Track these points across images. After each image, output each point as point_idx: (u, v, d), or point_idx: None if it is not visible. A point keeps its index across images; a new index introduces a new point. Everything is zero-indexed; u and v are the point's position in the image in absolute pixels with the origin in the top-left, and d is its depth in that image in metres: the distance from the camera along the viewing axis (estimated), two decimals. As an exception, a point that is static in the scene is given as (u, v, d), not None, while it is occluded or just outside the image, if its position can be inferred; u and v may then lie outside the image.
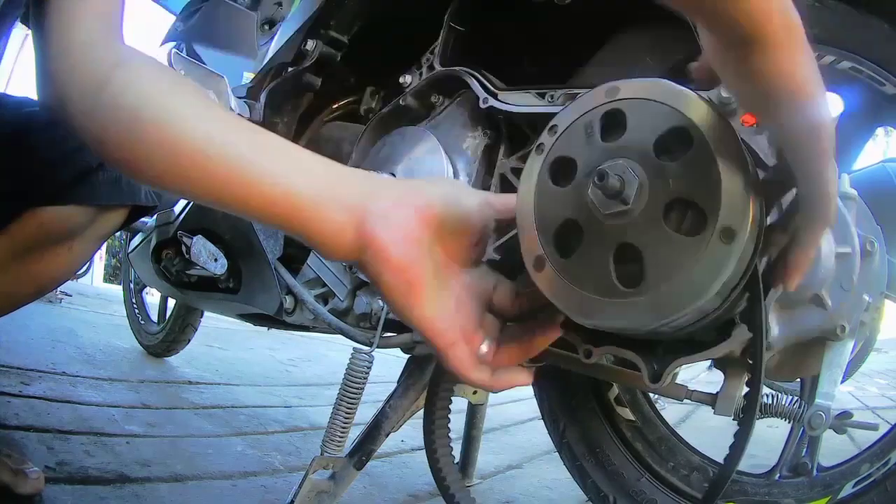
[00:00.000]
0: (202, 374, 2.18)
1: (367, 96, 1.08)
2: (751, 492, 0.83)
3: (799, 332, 0.63)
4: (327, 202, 0.45)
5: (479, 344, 0.52)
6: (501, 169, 0.81)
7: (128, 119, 0.47)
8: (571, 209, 0.62)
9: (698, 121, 0.54)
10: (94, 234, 0.91)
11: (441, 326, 0.49)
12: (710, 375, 3.30)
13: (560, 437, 1.00)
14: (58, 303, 3.19)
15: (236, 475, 1.17)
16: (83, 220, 0.86)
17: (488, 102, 0.81)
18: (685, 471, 0.90)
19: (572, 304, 0.62)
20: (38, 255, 0.86)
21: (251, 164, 0.45)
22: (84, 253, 0.91)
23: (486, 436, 1.40)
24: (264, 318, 1.23)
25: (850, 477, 0.75)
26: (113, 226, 0.92)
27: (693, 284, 0.54)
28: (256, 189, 0.45)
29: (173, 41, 1.50)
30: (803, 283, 0.60)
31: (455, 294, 0.51)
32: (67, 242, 0.88)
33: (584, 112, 0.63)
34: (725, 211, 0.52)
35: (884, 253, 0.64)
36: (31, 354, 1.87)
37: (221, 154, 0.45)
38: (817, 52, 0.72)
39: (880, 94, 0.73)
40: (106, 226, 0.91)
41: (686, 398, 0.73)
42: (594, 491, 0.94)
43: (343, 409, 0.88)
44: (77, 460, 1.07)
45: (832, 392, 0.65)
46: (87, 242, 0.90)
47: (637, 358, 0.65)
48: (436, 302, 0.48)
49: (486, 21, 0.92)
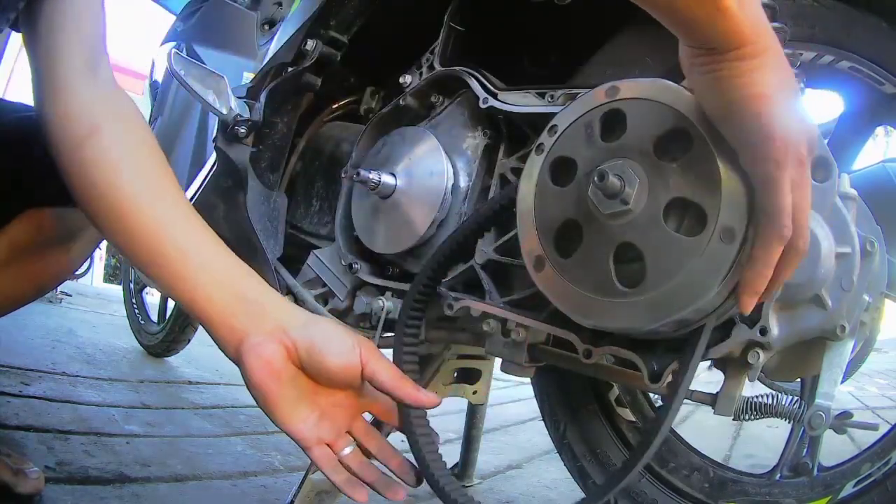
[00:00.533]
0: (202, 374, 2.18)
1: (367, 96, 1.08)
2: (751, 492, 0.83)
3: (799, 332, 0.63)
4: (222, 321, 0.58)
5: (342, 448, 0.60)
6: (501, 169, 0.81)
7: (91, 185, 0.60)
8: (571, 209, 0.62)
9: (698, 121, 0.54)
10: (93, 235, 0.91)
11: (300, 431, 0.58)
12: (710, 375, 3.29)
13: (560, 438, 1.00)
14: (58, 303, 3.20)
15: (236, 475, 1.17)
16: (82, 221, 0.86)
17: (488, 102, 0.81)
18: (685, 471, 0.90)
19: (572, 303, 0.62)
20: (38, 256, 0.86)
21: (181, 265, 0.58)
22: (82, 254, 0.92)
23: (486, 436, 1.40)
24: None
25: (850, 477, 0.75)
26: None
27: (693, 284, 0.54)
28: (179, 286, 0.59)
29: (173, 41, 1.50)
30: (804, 283, 0.60)
31: (321, 408, 0.59)
32: (66, 243, 0.88)
33: (585, 112, 0.63)
34: (725, 211, 0.52)
35: (884, 253, 0.64)
36: (31, 354, 1.87)
37: (160, 244, 0.58)
38: (816, 52, 0.72)
39: (880, 93, 0.73)
40: None
41: (686, 398, 0.73)
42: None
43: (343, 410, 0.88)
44: (77, 460, 1.07)
45: (832, 392, 0.65)
46: (85, 243, 0.91)
47: (637, 358, 0.65)
48: (293, 415, 0.57)
49: (486, 21, 0.92)
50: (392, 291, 0.88)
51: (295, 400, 0.57)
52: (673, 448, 0.93)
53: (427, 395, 0.60)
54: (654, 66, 0.76)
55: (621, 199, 0.56)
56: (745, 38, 0.45)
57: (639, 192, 0.57)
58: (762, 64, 0.46)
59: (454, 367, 1.13)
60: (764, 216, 0.50)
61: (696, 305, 0.54)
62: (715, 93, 0.49)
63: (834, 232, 0.61)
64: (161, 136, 1.50)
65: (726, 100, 0.48)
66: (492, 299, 0.77)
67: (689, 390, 0.73)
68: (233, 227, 1.10)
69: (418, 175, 0.86)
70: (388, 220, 0.88)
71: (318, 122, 1.12)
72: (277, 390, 0.56)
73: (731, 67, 0.46)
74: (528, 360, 0.77)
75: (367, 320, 0.92)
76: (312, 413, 0.58)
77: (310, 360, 0.57)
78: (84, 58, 0.64)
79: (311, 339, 0.57)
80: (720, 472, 0.88)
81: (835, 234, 0.61)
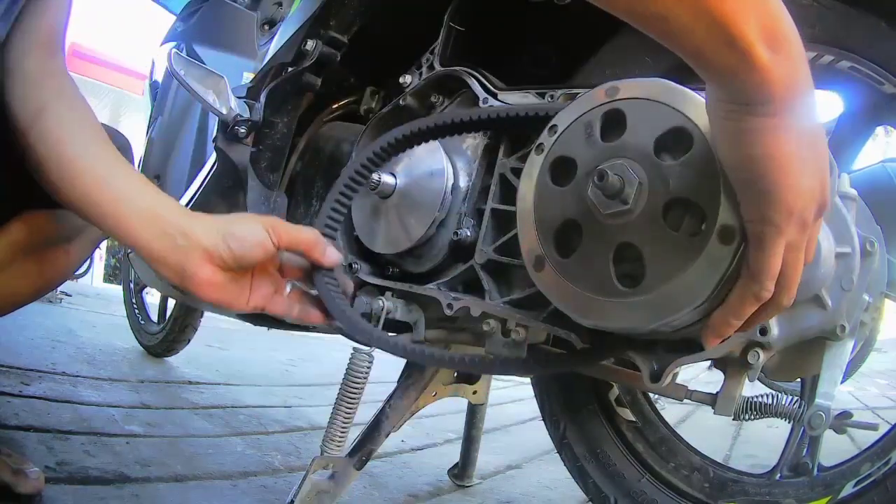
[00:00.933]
0: (202, 374, 2.18)
1: (367, 96, 1.08)
2: (752, 492, 0.83)
3: (799, 332, 0.63)
4: (162, 261, 0.68)
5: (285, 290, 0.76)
6: (501, 169, 0.81)
7: (44, 156, 0.71)
8: (571, 209, 0.62)
9: (698, 121, 0.54)
10: (91, 237, 0.92)
11: (257, 305, 0.73)
12: (710, 375, 3.30)
13: (561, 438, 1.00)
14: (58, 303, 3.20)
15: (236, 475, 1.17)
16: (80, 222, 0.86)
17: (488, 102, 0.81)
18: (686, 471, 0.90)
19: (572, 303, 0.62)
20: (36, 257, 0.86)
21: (122, 216, 0.69)
22: (81, 255, 0.93)
23: (486, 436, 1.40)
24: (264, 318, 1.23)
25: (850, 477, 0.75)
26: None
27: (692, 284, 0.54)
28: (125, 236, 0.70)
29: (173, 41, 1.50)
30: (804, 283, 0.60)
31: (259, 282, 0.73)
32: (64, 244, 0.89)
33: (585, 112, 0.63)
34: (725, 211, 0.52)
35: (884, 253, 0.64)
36: (31, 354, 1.87)
37: (102, 200, 0.69)
38: (816, 52, 0.72)
39: (880, 93, 0.73)
40: None
41: (686, 398, 0.73)
42: (595, 491, 0.94)
43: (343, 409, 0.88)
44: (77, 460, 1.07)
45: (832, 392, 0.65)
46: (84, 244, 0.91)
47: (637, 358, 0.65)
48: (245, 299, 0.72)
49: (486, 21, 0.92)
50: (392, 291, 0.88)
51: (240, 290, 0.71)
52: (673, 448, 0.93)
53: (329, 257, 0.73)
54: (654, 65, 0.76)
55: (621, 198, 0.56)
56: (775, 94, 0.41)
57: (639, 192, 0.56)
58: (789, 125, 0.43)
59: (454, 367, 1.13)
60: (746, 270, 0.49)
61: (696, 305, 0.54)
62: (734, 142, 0.46)
63: (834, 232, 0.61)
64: (161, 136, 1.51)
65: (745, 153, 0.45)
66: (492, 299, 0.77)
67: (689, 390, 0.73)
68: (233, 227, 1.10)
69: (418, 175, 0.86)
70: (387, 220, 0.88)
71: (318, 122, 1.12)
72: (225, 295, 0.70)
73: (755, 122, 0.43)
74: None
75: (366, 320, 0.92)
76: (257, 290, 0.73)
77: (236, 262, 0.69)
78: (40, 44, 0.75)
79: (230, 247, 0.68)
80: (720, 472, 0.88)
81: (835, 234, 0.62)
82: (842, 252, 0.61)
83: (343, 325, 0.75)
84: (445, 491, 1.28)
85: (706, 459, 0.90)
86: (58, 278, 0.92)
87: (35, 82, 0.74)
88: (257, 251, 0.69)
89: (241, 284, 0.72)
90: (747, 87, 0.42)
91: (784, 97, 0.42)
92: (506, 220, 0.79)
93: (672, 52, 0.44)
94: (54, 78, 0.76)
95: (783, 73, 0.41)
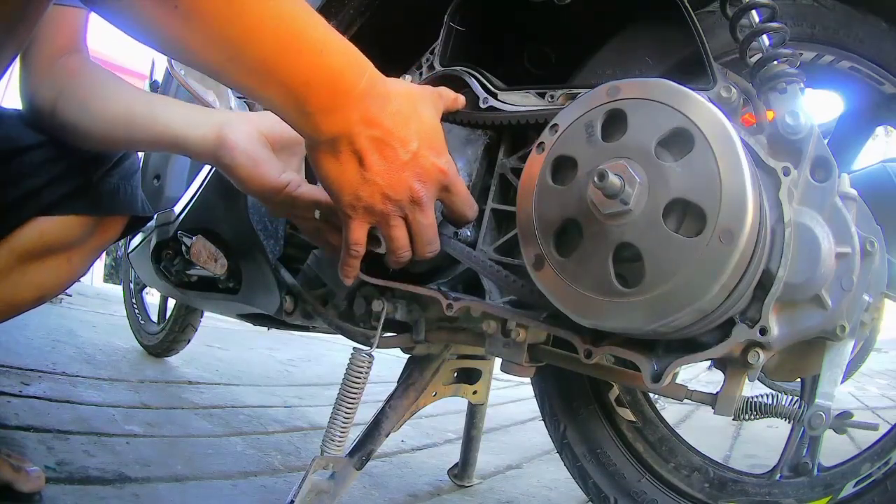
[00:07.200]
0: (202, 374, 2.18)
1: (367, 96, 1.08)
2: (752, 492, 0.83)
3: (799, 332, 0.63)
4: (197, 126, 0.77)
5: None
6: (501, 169, 0.81)
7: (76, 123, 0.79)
8: (572, 208, 0.62)
9: (699, 121, 0.54)
10: (93, 245, 0.93)
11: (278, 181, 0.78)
12: (710, 375, 3.30)
13: (561, 438, 1.00)
14: (58, 303, 3.19)
15: (236, 475, 1.17)
16: (83, 230, 0.88)
17: (488, 102, 0.81)
18: (686, 471, 0.90)
19: (571, 303, 0.62)
20: (39, 264, 0.87)
21: (153, 122, 0.78)
22: (83, 263, 0.94)
23: (486, 436, 1.40)
24: (264, 318, 1.23)
25: (850, 477, 0.75)
26: (111, 237, 0.95)
27: (692, 285, 0.54)
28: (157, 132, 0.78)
29: (173, 41, 1.50)
30: (804, 283, 0.60)
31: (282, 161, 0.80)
32: (66, 252, 0.89)
33: (586, 111, 0.63)
34: (725, 212, 0.52)
35: (884, 253, 0.64)
36: (31, 354, 1.87)
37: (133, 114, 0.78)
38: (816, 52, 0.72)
39: (880, 93, 0.73)
40: (104, 237, 0.93)
41: (686, 398, 0.73)
42: (595, 492, 0.94)
43: (343, 409, 0.88)
44: (77, 460, 1.07)
45: (832, 392, 0.65)
46: (85, 253, 0.92)
47: (637, 358, 0.65)
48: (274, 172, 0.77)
49: (486, 21, 0.92)
50: (392, 291, 0.88)
51: (274, 162, 0.77)
52: (673, 448, 0.93)
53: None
54: (654, 66, 0.76)
55: (621, 199, 0.56)
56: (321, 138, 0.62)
57: (639, 192, 0.57)
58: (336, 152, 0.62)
59: (454, 367, 1.13)
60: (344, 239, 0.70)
61: (695, 306, 0.54)
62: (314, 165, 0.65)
63: (834, 232, 0.61)
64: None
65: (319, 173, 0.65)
66: (492, 299, 0.77)
67: (689, 390, 0.73)
68: (233, 227, 1.10)
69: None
70: (388, 220, 0.88)
71: (318, 122, 1.11)
72: (259, 164, 0.75)
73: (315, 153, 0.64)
74: (527, 360, 0.77)
75: (366, 320, 0.92)
76: (289, 168, 0.79)
77: (273, 137, 0.77)
78: (60, 44, 0.82)
79: (269, 121, 0.77)
80: (720, 472, 0.88)
81: (835, 234, 0.61)
82: (842, 252, 0.61)
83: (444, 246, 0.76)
84: (445, 491, 1.28)
85: (706, 459, 0.90)
86: (59, 286, 0.93)
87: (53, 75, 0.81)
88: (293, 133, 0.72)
89: (274, 160, 0.77)
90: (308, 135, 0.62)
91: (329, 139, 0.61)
92: (506, 220, 0.79)
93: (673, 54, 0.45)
94: (73, 69, 0.82)
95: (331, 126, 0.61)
